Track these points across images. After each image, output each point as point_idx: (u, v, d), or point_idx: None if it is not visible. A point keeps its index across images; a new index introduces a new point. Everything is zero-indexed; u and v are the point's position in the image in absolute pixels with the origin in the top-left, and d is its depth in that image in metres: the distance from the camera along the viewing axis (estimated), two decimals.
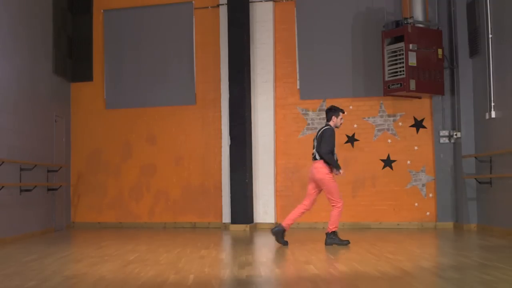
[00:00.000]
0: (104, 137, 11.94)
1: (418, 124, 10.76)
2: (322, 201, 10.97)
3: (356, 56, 11.02)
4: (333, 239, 7.86)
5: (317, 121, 11.08)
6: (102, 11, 12.08)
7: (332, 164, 7.81)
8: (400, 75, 10.01)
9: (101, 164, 11.91)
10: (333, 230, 7.88)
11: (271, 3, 11.30)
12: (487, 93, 9.32)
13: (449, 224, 10.48)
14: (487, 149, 9.54)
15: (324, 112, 11.40)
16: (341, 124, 8.15)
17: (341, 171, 7.83)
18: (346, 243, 7.81)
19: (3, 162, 8.81)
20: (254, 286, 5.08)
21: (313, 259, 6.49)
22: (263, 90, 11.18)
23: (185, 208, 11.50)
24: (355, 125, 10.96)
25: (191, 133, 11.61)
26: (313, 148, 8.01)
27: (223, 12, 11.28)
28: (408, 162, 10.74)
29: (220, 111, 11.31)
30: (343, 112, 8.19)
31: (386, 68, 10.25)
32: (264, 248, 8.28)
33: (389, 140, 10.83)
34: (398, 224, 10.65)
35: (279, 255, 6.96)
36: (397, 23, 10.19)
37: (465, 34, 10.18)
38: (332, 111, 8.08)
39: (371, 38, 10.84)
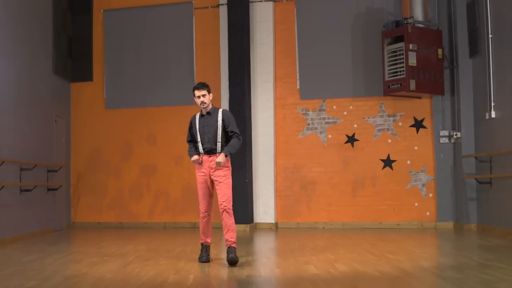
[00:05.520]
0: (104, 137, 11.94)
1: (418, 124, 10.75)
2: (322, 201, 11.04)
3: (356, 56, 11.02)
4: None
5: (317, 121, 11.09)
6: (102, 11, 12.08)
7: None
8: (400, 75, 10.01)
9: (101, 164, 11.91)
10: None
11: (271, 3, 11.30)
12: (487, 93, 9.33)
13: (449, 224, 10.47)
14: (487, 149, 9.54)
15: (323, 112, 11.60)
16: (200, 103, 6.74)
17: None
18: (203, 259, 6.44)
19: (3, 162, 8.81)
20: (254, 286, 5.09)
21: (313, 259, 6.49)
22: (263, 90, 11.18)
23: (185, 208, 11.50)
24: (355, 125, 10.95)
25: None
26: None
27: (223, 12, 11.27)
28: (408, 162, 10.74)
29: None
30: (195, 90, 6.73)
31: (386, 68, 10.25)
32: (264, 248, 8.30)
33: (389, 140, 10.83)
34: (398, 224, 10.65)
35: (279, 255, 6.96)
36: (397, 23, 10.20)
37: (465, 34, 10.18)
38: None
39: (371, 38, 10.83)
